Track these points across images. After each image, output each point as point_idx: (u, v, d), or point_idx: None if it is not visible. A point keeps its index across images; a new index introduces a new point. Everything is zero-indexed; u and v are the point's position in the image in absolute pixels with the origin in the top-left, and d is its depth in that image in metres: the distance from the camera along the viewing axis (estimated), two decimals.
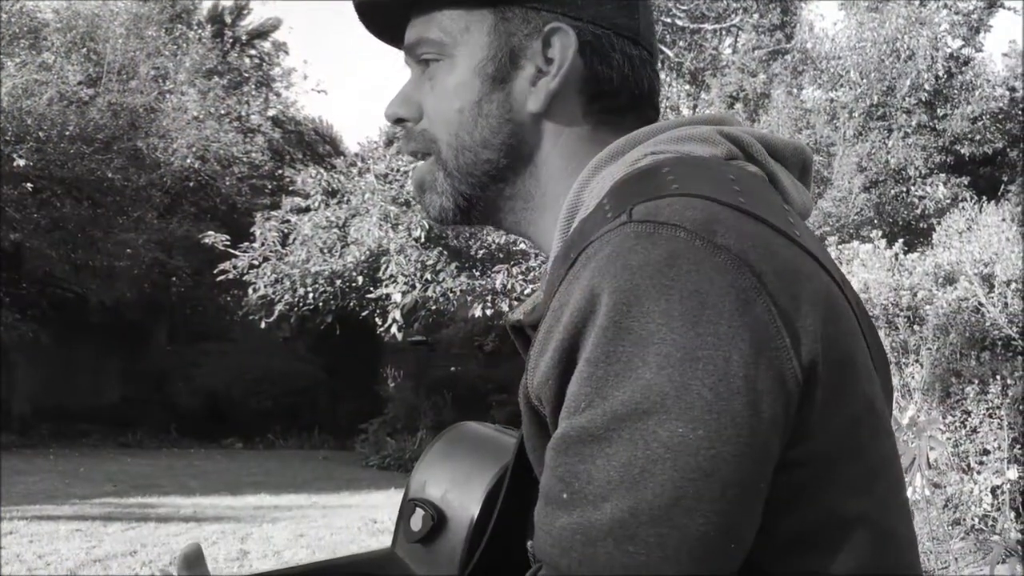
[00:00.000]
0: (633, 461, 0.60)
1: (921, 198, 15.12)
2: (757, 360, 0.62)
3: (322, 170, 13.92)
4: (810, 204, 0.85)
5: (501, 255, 12.36)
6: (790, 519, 0.65)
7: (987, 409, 5.62)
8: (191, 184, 16.52)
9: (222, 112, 17.61)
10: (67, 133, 13.88)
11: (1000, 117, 15.80)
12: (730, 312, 0.62)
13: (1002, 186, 15.84)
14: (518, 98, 0.84)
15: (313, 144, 22.73)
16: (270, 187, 18.10)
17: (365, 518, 7.79)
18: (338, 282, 12.23)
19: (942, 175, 15.29)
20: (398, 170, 13.02)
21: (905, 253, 7.26)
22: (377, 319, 12.38)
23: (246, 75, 22.00)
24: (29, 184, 13.31)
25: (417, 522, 0.84)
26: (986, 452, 5.62)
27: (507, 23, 0.83)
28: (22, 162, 12.94)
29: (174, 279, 16.15)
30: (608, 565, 0.61)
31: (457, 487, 0.84)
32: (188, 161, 15.90)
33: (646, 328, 0.62)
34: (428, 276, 11.64)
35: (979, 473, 5.58)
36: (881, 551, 0.69)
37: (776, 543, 0.65)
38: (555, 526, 0.63)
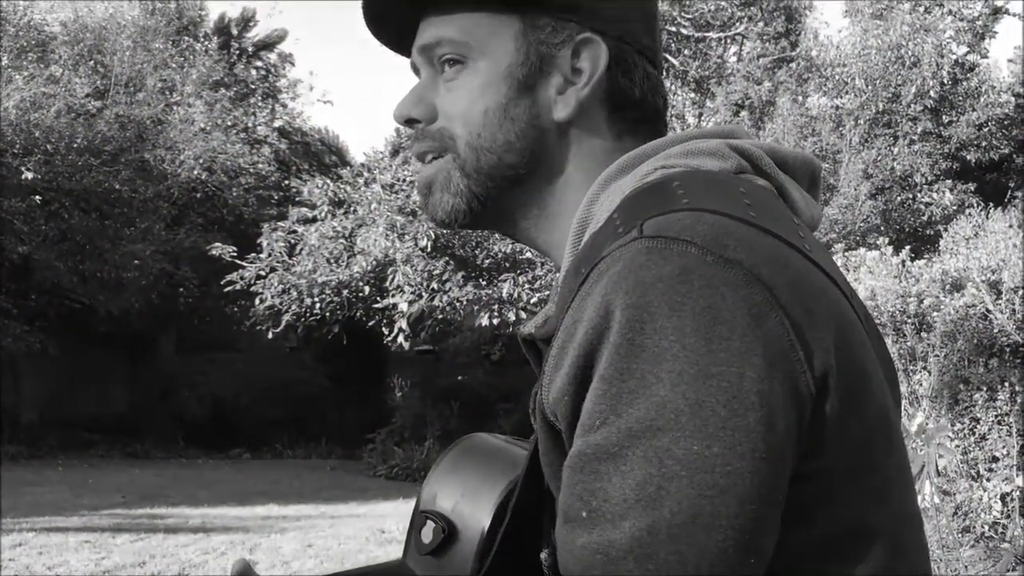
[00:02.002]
0: (649, 479, 0.60)
1: (927, 205, 15.10)
2: (771, 374, 0.62)
3: (328, 180, 13.97)
4: (819, 216, 0.85)
5: (507, 264, 12.38)
6: (803, 532, 0.65)
7: (996, 416, 5.60)
8: (198, 195, 16.57)
9: (229, 123, 17.68)
10: (75, 145, 13.95)
11: (1006, 123, 15.78)
12: (743, 327, 0.62)
13: (1008, 192, 15.81)
14: (544, 105, 0.84)
15: (319, 154, 22.80)
16: (277, 198, 18.14)
17: (373, 528, 7.78)
18: (345, 292, 12.26)
19: (948, 182, 15.28)
20: (404, 180, 13.06)
21: (912, 260, 7.25)
22: (384, 328, 12.40)
23: (252, 86, 22.08)
24: (37, 196, 13.37)
25: (428, 534, 0.85)
26: (995, 459, 5.60)
27: (536, 31, 0.84)
28: (30, 174, 13.01)
29: (181, 290, 16.19)
30: None
31: (468, 499, 0.84)
32: (195, 172, 15.96)
33: (659, 345, 0.62)
34: (434, 285, 11.66)
35: (988, 480, 5.56)
36: (894, 563, 0.69)
37: (789, 556, 0.65)
38: (576, 545, 0.63)
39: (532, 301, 11.41)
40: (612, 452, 0.62)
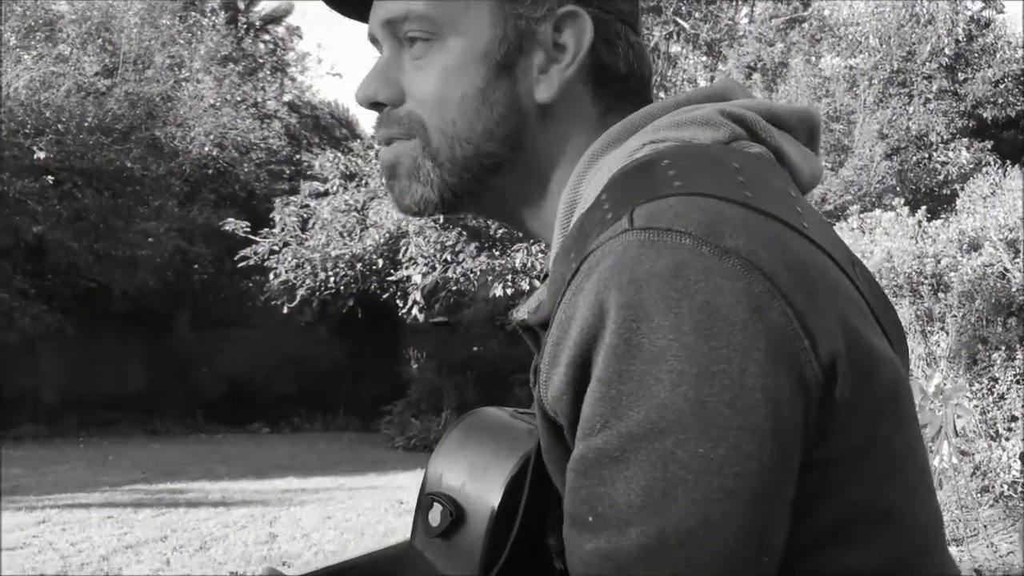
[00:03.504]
0: (654, 484, 0.59)
1: (944, 164, 14.94)
2: (775, 367, 0.60)
3: (339, 154, 13.95)
4: (819, 171, 0.81)
5: (519, 234, 12.34)
6: (814, 518, 0.64)
7: (1014, 376, 5.58)
8: (210, 171, 16.59)
9: (238, 99, 17.65)
10: (86, 124, 13.96)
11: (1022, 79, 15.57)
12: (743, 321, 0.60)
13: None
14: (524, 87, 0.78)
15: (330, 128, 22.75)
16: (288, 172, 18.14)
17: (391, 499, 7.84)
18: (358, 265, 12.27)
19: (964, 140, 15.10)
20: None
21: (928, 220, 7.20)
22: (398, 301, 12.42)
23: (261, 61, 22.01)
24: (50, 176, 13.41)
25: (436, 517, 0.83)
26: (1014, 419, 5.58)
27: (514, 4, 0.77)
28: (42, 154, 13.04)
29: (196, 266, 16.26)
30: None
31: (475, 479, 0.82)
32: (206, 149, 15.97)
33: (657, 345, 0.59)
34: (448, 257, 11.66)
35: (1007, 440, 5.54)
36: (907, 541, 0.67)
37: (800, 543, 0.63)
38: (584, 550, 0.62)
39: (546, 271, 11.40)
40: (614, 456, 0.60)
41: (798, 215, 0.68)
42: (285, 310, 13.09)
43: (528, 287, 11.37)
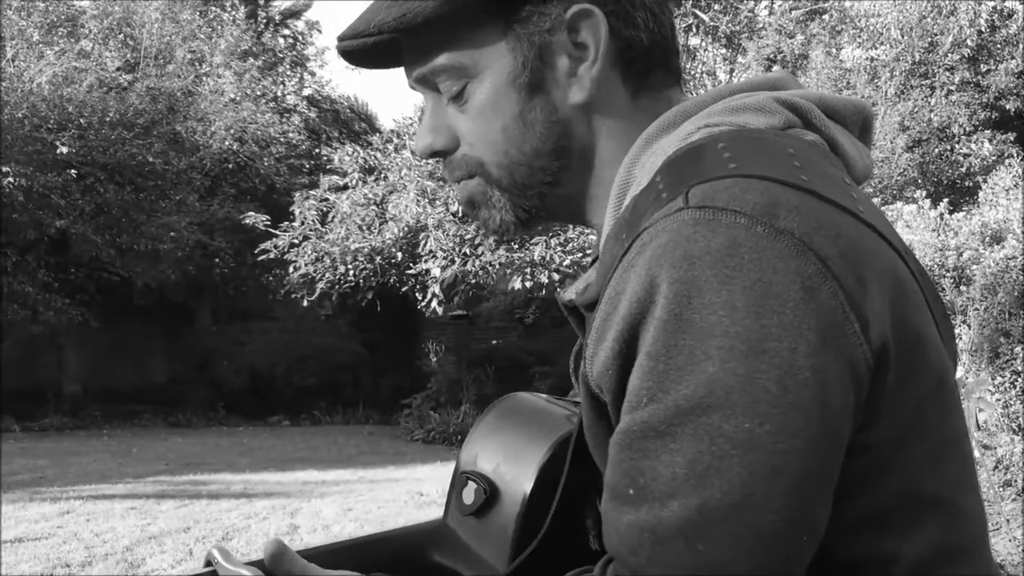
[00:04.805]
0: (699, 458, 0.59)
1: (966, 156, 14.82)
2: (825, 348, 0.60)
3: (358, 148, 13.97)
4: (871, 165, 0.82)
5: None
6: (860, 502, 0.64)
7: None
8: (230, 166, 16.66)
9: (258, 93, 17.71)
10: (107, 119, 14.04)
11: None
12: (795, 300, 0.60)
13: None
14: (558, 95, 0.80)
15: (349, 122, 22.80)
16: (308, 166, 18.20)
17: (411, 491, 7.87)
18: (378, 258, 12.30)
19: (987, 132, 14.97)
20: None
21: (950, 213, 7.16)
22: (417, 294, 12.44)
23: (280, 55, 22.09)
24: (73, 171, 13.49)
25: (470, 495, 0.85)
26: None
27: (525, 24, 0.78)
28: (65, 149, 13.12)
29: (216, 260, 16.33)
30: (679, 564, 0.60)
31: (509, 461, 0.83)
32: (226, 143, 16.03)
33: (708, 320, 0.60)
34: (466, 250, 11.66)
35: None
36: (951, 529, 0.67)
37: (845, 527, 0.64)
38: (623, 522, 0.62)
39: (565, 263, 11.39)
40: (660, 430, 0.61)
41: (853, 200, 0.68)
42: (305, 303, 13.14)
43: (547, 280, 11.37)
